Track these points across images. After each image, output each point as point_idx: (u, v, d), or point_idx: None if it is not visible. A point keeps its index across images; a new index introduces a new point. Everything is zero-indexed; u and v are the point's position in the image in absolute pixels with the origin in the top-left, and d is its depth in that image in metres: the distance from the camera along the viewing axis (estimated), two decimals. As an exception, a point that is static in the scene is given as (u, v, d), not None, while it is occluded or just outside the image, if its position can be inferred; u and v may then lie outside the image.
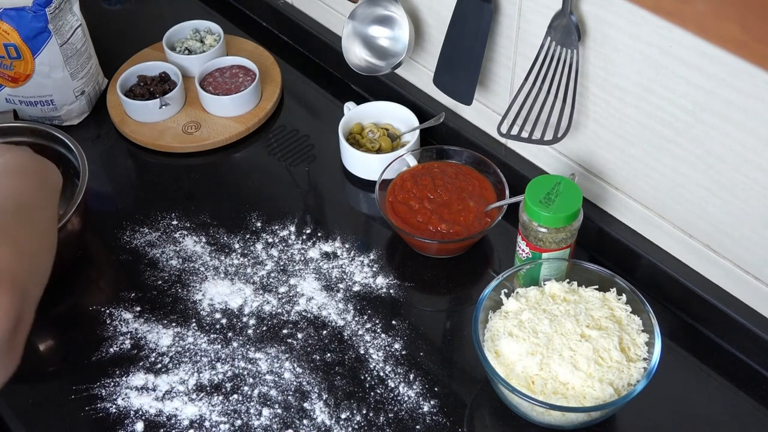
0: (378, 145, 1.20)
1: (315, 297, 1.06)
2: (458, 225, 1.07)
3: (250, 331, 1.03)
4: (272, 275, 1.09)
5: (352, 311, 1.05)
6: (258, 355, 1.01)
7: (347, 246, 1.12)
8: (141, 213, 1.17)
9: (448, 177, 1.11)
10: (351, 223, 1.16)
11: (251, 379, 0.98)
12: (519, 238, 1.00)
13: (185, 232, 1.15)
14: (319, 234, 1.13)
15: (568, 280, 0.97)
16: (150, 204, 1.19)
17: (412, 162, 1.13)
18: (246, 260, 1.11)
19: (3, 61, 1.21)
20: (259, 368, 0.99)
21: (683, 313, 1.02)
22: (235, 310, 1.05)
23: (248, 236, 1.14)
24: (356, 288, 1.07)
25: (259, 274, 1.09)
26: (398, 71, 1.24)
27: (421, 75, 1.22)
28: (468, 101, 1.08)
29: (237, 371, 0.99)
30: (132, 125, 1.28)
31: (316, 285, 1.07)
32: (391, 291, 1.07)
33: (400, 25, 1.14)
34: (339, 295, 1.06)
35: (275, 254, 1.11)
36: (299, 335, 1.02)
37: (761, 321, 0.94)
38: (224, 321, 1.04)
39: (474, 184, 1.11)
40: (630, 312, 0.93)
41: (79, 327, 1.05)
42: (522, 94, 0.99)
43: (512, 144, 1.14)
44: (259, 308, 1.05)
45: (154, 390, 0.98)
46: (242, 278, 1.09)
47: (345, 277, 1.08)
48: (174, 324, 1.04)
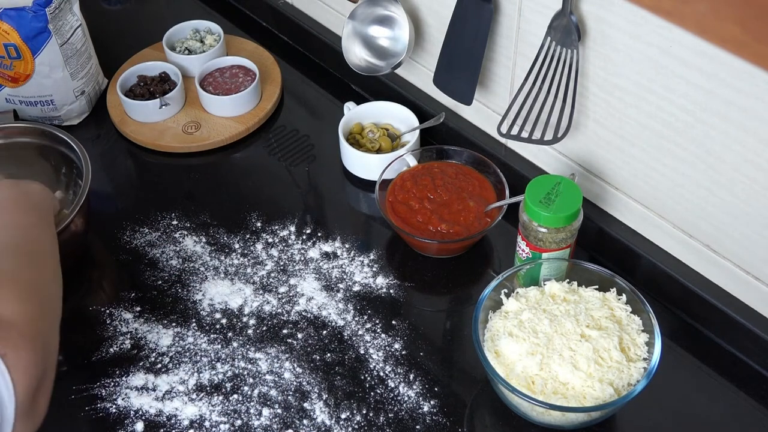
0: (378, 145, 1.20)
1: (315, 297, 1.06)
2: (458, 225, 1.07)
3: (250, 331, 1.03)
4: (272, 275, 1.09)
5: (352, 311, 1.05)
6: (258, 355, 1.01)
7: (347, 246, 1.12)
8: (141, 213, 1.17)
9: (448, 177, 1.11)
10: (351, 223, 1.16)
11: (251, 379, 0.98)
12: (519, 238, 1.00)
13: (185, 232, 1.15)
14: (319, 234, 1.13)
15: (568, 280, 0.97)
16: (150, 204, 1.19)
17: (412, 162, 1.13)
18: (246, 260, 1.11)
19: (3, 61, 1.21)
20: (259, 368, 0.99)
21: (683, 313, 1.02)
22: (235, 310, 1.05)
23: (248, 236, 1.14)
24: (356, 288, 1.07)
25: (259, 274, 1.09)
26: (398, 71, 1.24)
27: (421, 75, 1.22)
28: (468, 101, 1.08)
29: (237, 371, 0.99)
30: (132, 125, 1.28)
31: (316, 285, 1.07)
32: (391, 291, 1.07)
33: (400, 25, 1.14)
34: (339, 295, 1.06)
35: (275, 254, 1.11)
36: (299, 335, 1.02)
37: (761, 321, 0.94)
38: (224, 321, 1.04)
39: (474, 184, 1.11)
40: (630, 312, 0.93)
41: (79, 327, 1.05)
42: (522, 94, 0.99)
43: (512, 144, 1.14)
44: (259, 308, 1.05)
45: (154, 390, 0.98)
46: (242, 278, 1.09)
47: (345, 277, 1.08)
48: (174, 324, 1.04)
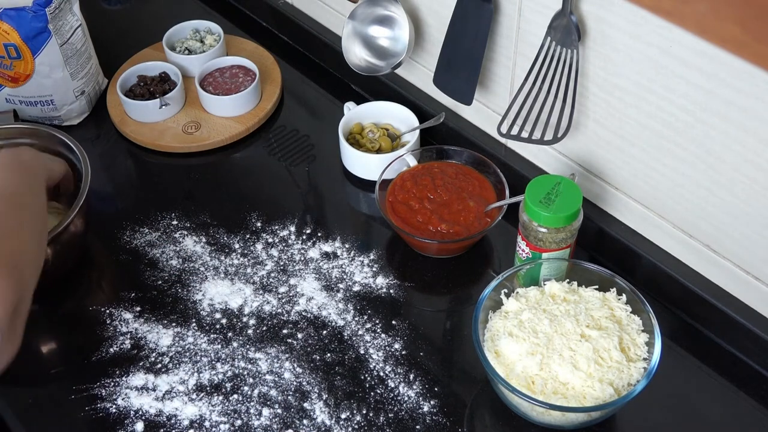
0: (378, 145, 1.20)
1: (315, 297, 1.06)
2: (458, 225, 1.07)
3: (250, 331, 1.03)
4: (272, 275, 1.09)
5: (352, 311, 1.05)
6: (258, 355, 1.01)
7: (347, 246, 1.12)
8: (141, 213, 1.17)
9: (448, 177, 1.11)
10: (351, 223, 1.16)
11: (251, 379, 0.98)
12: (519, 238, 1.00)
13: (185, 232, 1.15)
14: (319, 234, 1.13)
15: (568, 280, 0.97)
16: (150, 204, 1.19)
17: (412, 162, 1.14)
18: (246, 260, 1.11)
19: (3, 61, 1.21)
20: (259, 368, 0.99)
21: (683, 313, 1.02)
22: (235, 310, 1.05)
23: (248, 236, 1.14)
24: (356, 288, 1.07)
25: (259, 274, 1.09)
26: (398, 71, 1.24)
27: (421, 75, 1.22)
28: (468, 101, 1.08)
29: (237, 371, 0.99)
30: (132, 125, 1.28)
31: (316, 285, 1.07)
32: (391, 291, 1.07)
33: (400, 25, 1.14)
34: (339, 295, 1.06)
35: (275, 254, 1.11)
36: (299, 335, 1.02)
37: (761, 321, 0.94)
38: (224, 321, 1.04)
39: (474, 184, 1.11)
40: (630, 312, 0.93)
41: (79, 327, 1.05)
42: (522, 94, 0.99)
43: (512, 144, 1.14)
44: (259, 308, 1.05)
45: (154, 390, 0.98)
46: (242, 278, 1.09)
47: (345, 277, 1.08)
48: (174, 324, 1.04)
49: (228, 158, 1.26)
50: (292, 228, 1.14)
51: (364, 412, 0.95)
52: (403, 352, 1.00)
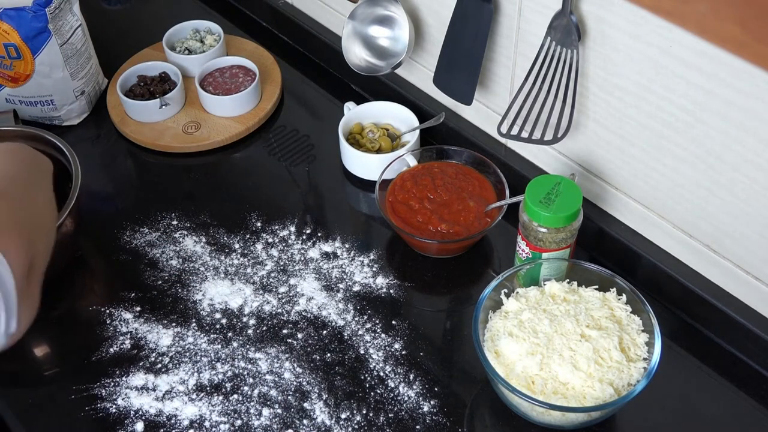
0: (378, 145, 1.20)
1: (315, 297, 1.06)
2: (458, 225, 1.07)
3: (250, 331, 1.03)
4: (272, 275, 1.09)
5: (352, 311, 1.05)
6: (258, 355, 1.01)
7: (347, 246, 1.12)
8: (141, 213, 1.17)
9: (448, 177, 1.11)
10: (351, 223, 1.16)
11: (251, 379, 0.98)
12: (519, 238, 1.00)
13: (185, 232, 1.15)
14: (319, 234, 1.13)
15: (568, 280, 0.97)
16: (150, 204, 1.19)
17: (412, 162, 1.13)
18: (246, 260, 1.11)
19: (3, 61, 1.21)
20: (259, 368, 0.99)
21: (683, 313, 1.02)
22: (235, 310, 1.05)
23: (248, 236, 1.14)
24: (356, 288, 1.07)
25: (259, 274, 1.09)
26: (398, 71, 1.24)
27: (421, 75, 1.22)
28: (468, 101, 1.08)
29: (237, 371, 0.99)
30: (132, 125, 1.28)
31: (316, 285, 1.07)
32: (391, 291, 1.07)
33: (400, 25, 1.14)
34: (339, 295, 1.06)
35: (275, 254, 1.11)
36: (299, 335, 1.02)
37: (761, 321, 0.94)
38: (224, 321, 1.04)
39: (474, 184, 1.11)
40: (630, 312, 0.93)
41: (79, 327, 1.05)
42: (522, 94, 0.99)
43: (512, 144, 1.14)
44: (259, 308, 1.05)
45: (154, 390, 0.98)
46: (242, 278, 1.09)
47: (345, 277, 1.08)
48: (174, 324, 1.04)
49: (228, 158, 1.26)
50: (292, 228, 1.14)
51: (364, 412, 0.95)
52: (403, 352, 1.00)
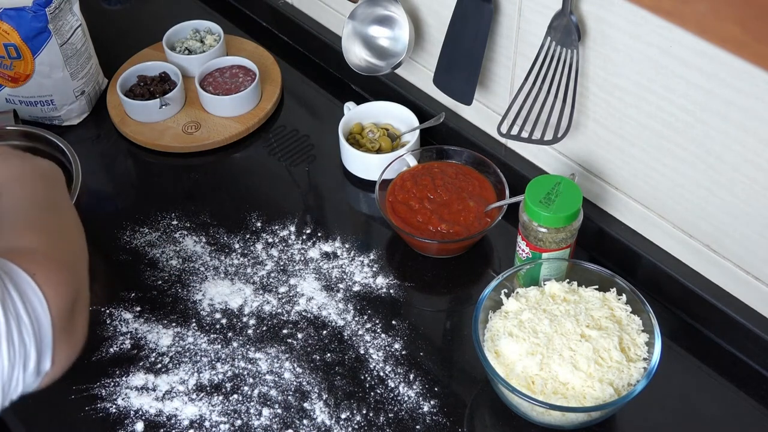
0: (378, 145, 1.20)
1: (315, 297, 1.06)
2: (458, 225, 1.07)
3: (250, 331, 1.03)
4: (272, 275, 1.09)
5: (352, 311, 1.05)
6: (258, 355, 1.01)
7: (347, 246, 1.12)
8: (141, 213, 1.17)
9: (448, 177, 1.11)
10: (351, 223, 1.16)
11: (251, 379, 0.98)
12: (519, 238, 1.00)
13: (185, 232, 1.15)
14: (319, 234, 1.13)
15: (568, 280, 0.97)
16: (150, 204, 1.19)
17: (412, 162, 1.14)
18: (246, 260, 1.11)
19: (3, 61, 1.21)
20: (259, 368, 0.99)
21: (683, 313, 1.02)
22: (235, 310, 1.05)
23: (248, 236, 1.14)
24: (356, 288, 1.07)
25: (259, 274, 1.09)
26: (398, 71, 1.24)
27: (421, 75, 1.22)
28: (468, 101, 1.08)
29: (237, 371, 0.99)
30: (132, 125, 1.28)
31: (316, 285, 1.07)
32: (391, 291, 1.07)
33: (400, 25, 1.14)
34: (339, 295, 1.06)
35: (275, 254, 1.11)
36: (299, 335, 1.02)
37: (761, 321, 0.94)
38: (224, 321, 1.04)
39: (474, 184, 1.11)
40: (630, 312, 0.93)
41: (79, 327, 1.05)
42: (522, 94, 0.99)
43: (512, 144, 1.14)
44: (259, 308, 1.05)
45: (154, 390, 0.98)
46: (242, 278, 1.09)
47: (345, 277, 1.08)
48: (174, 324, 1.04)
49: (228, 158, 1.26)
50: (292, 228, 1.14)
51: (364, 412, 0.95)
52: (403, 352, 1.00)
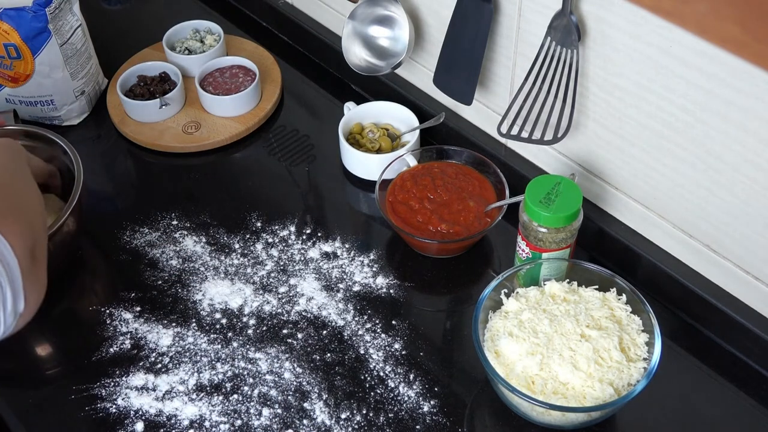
0: (378, 145, 1.20)
1: (315, 297, 1.06)
2: (458, 225, 1.07)
3: (250, 331, 1.03)
4: (272, 275, 1.09)
5: (352, 311, 1.05)
6: (258, 355, 1.01)
7: (347, 246, 1.12)
8: (141, 213, 1.17)
9: (448, 177, 1.11)
10: (351, 223, 1.16)
11: (251, 379, 0.98)
12: (519, 238, 1.00)
13: (185, 232, 1.15)
14: (319, 234, 1.13)
15: (568, 280, 0.97)
16: (150, 204, 1.19)
17: (412, 162, 1.14)
18: (246, 260, 1.11)
19: (3, 61, 1.21)
20: (259, 368, 0.99)
21: (683, 313, 1.02)
22: (235, 310, 1.05)
23: (248, 236, 1.14)
24: (356, 288, 1.07)
25: (259, 274, 1.09)
26: (398, 71, 1.24)
27: (421, 75, 1.22)
28: (468, 101, 1.08)
29: (237, 371, 0.99)
30: (132, 125, 1.28)
31: (316, 285, 1.07)
32: (391, 291, 1.07)
33: (400, 25, 1.14)
34: (339, 295, 1.06)
35: (275, 254, 1.11)
36: (299, 335, 1.02)
37: (761, 321, 0.94)
38: (224, 321, 1.04)
39: (474, 184, 1.11)
40: (630, 312, 0.93)
41: (79, 327, 1.05)
42: (522, 94, 0.99)
43: (512, 144, 1.14)
44: (259, 308, 1.05)
45: (154, 390, 0.98)
46: (242, 278, 1.09)
47: (345, 277, 1.08)
48: (174, 324, 1.04)
49: (228, 158, 1.26)
50: (292, 228, 1.14)
51: (364, 412, 0.95)
52: (403, 352, 1.00)
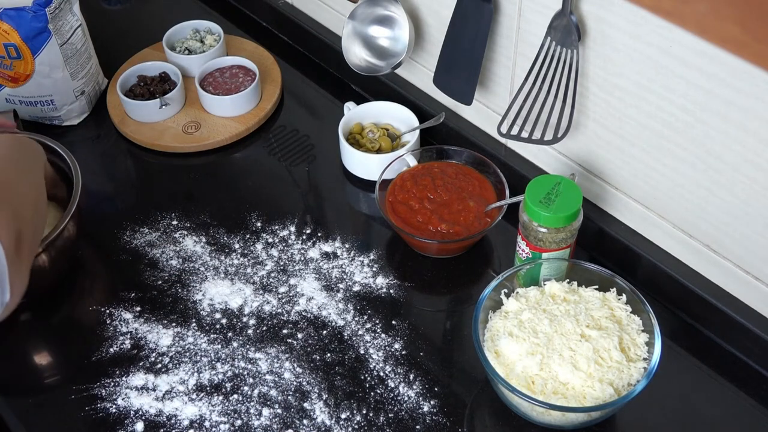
0: (378, 145, 1.20)
1: (315, 297, 1.06)
2: (458, 225, 1.07)
3: (250, 331, 1.03)
4: (272, 275, 1.09)
5: (352, 311, 1.05)
6: (258, 355, 1.01)
7: (347, 246, 1.12)
8: (141, 213, 1.17)
9: (448, 177, 1.11)
10: (351, 223, 1.16)
11: (251, 379, 0.98)
12: (519, 238, 1.00)
13: (185, 232, 1.15)
14: (319, 234, 1.13)
15: (568, 280, 0.97)
16: (150, 204, 1.19)
17: (412, 162, 1.14)
18: (246, 260, 1.11)
19: (3, 61, 1.21)
20: (259, 368, 0.99)
21: (683, 313, 1.02)
22: (235, 310, 1.05)
23: (248, 236, 1.14)
24: (356, 288, 1.07)
25: (259, 274, 1.09)
26: (398, 71, 1.24)
27: (421, 75, 1.22)
28: (468, 101, 1.08)
29: (237, 371, 0.99)
30: (132, 125, 1.28)
31: (316, 285, 1.07)
32: (391, 291, 1.07)
33: (400, 25, 1.14)
34: (339, 295, 1.06)
35: (275, 254, 1.11)
36: (299, 335, 1.02)
37: (761, 321, 0.94)
38: (224, 321, 1.04)
39: (474, 184, 1.11)
40: (630, 312, 0.93)
41: (79, 327, 1.05)
42: (522, 94, 0.99)
43: (512, 144, 1.14)
44: (259, 308, 1.05)
45: (154, 390, 0.98)
46: (242, 278, 1.09)
47: (345, 277, 1.08)
48: (174, 324, 1.04)
49: (228, 158, 1.26)
50: (292, 228, 1.14)
51: (364, 412, 0.95)
52: (403, 352, 1.00)
